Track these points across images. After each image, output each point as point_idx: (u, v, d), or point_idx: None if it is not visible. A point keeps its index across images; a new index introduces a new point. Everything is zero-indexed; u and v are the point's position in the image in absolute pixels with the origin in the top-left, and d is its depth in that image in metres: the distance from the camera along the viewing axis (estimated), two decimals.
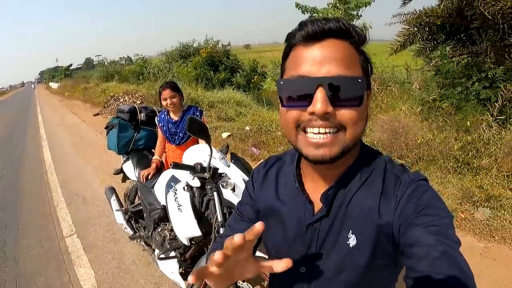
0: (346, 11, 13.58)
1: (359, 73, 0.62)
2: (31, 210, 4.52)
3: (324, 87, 0.58)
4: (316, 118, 0.60)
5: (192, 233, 1.87)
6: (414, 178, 0.68)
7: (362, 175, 0.71)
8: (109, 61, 28.60)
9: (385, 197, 0.67)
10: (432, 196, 0.64)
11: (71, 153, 7.37)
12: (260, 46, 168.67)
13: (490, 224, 3.13)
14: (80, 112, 13.63)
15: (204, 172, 1.72)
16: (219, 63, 12.46)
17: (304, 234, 0.74)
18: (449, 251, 0.55)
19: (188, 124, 1.57)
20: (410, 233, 0.60)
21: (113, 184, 4.40)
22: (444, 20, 5.32)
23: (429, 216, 0.60)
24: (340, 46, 0.61)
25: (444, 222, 0.59)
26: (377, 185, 0.69)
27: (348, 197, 0.70)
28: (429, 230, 0.57)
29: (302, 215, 0.75)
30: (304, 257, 0.75)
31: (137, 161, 2.88)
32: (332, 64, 0.59)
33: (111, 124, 3.08)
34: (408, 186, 0.66)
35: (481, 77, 5.03)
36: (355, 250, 0.68)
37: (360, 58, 0.64)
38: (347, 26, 0.61)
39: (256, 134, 6.31)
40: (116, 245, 3.31)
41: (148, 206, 2.45)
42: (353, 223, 0.69)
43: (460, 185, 3.72)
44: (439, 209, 0.61)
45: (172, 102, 2.74)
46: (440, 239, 0.56)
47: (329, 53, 0.60)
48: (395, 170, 0.71)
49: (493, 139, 4.26)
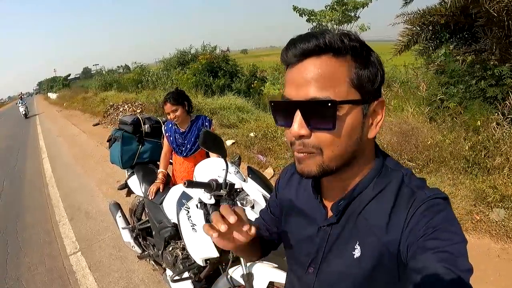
0: (343, 12, 13.58)
1: (340, 91, 0.59)
2: (33, 226, 4.39)
3: (300, 110, 0.59)
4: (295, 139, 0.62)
5: (208, 254, 1.76)
6: (431, 195, 0.63)
7: (375, 187, 0.69)
8: (107, 70, 28.62)
9: (396, 212, 0.65)
10: (446, 217, 0.60)
11: (71, 165, 7.25)
12: (257, 50, 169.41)
13: (505, 225, 3.08)
14: (80, 123, 13.52)
15: (221, 189, 1.60)
16: (218, 68, 12.38)
17: (315, 236, 0.76)
18: (457, 281, 0.52)
19: (202, 138, 1.46)
20: (419, 257, 0.57)
21: (117, 198, 4.29)
22: (448, 19, 5.27)
23: (440, 240, 0.57)
24: (319, 64, 0.59)
25: (456, 248, 0.56)
26: (389, 199, 0.67)
27: (359, 208, 0.70)
28: (438, 257, 0.55)
29: (316, 218, 0.77)
30: (314, 258, 0.77)
31: (143, 175, 2.77)
32: (309, 86, 0.59)
33: (114, 136, 2.96)
34: (422, 204, 0.62)
35: (486, 75, 4.97)
36: (357, 262, 0.68)
37: (350, 71, 0.60)
38: (327, 42, 0.58)
39: (261, 141, 6.18)
40: (123, 263, 3.19)
41: (157, 224, 2.34)
42: (360, 235, 0.69)
43: (473, 186, 3.66)
44: (452, 233, 0.58)
45: (175, 116, 2.57)
46: (450, 267, 0.53)
47: (307, 74, 0.59)
48: (412, 185, 0.67)
49: (504, 138, 4.18)
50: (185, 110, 2.62)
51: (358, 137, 0.64)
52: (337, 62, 0.60)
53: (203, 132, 1.47)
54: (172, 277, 2.01)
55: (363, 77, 0.61)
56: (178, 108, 2.56)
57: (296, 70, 0.61)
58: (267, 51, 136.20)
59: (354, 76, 0.60)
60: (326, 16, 13.75)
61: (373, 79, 0.63)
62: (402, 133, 4.50)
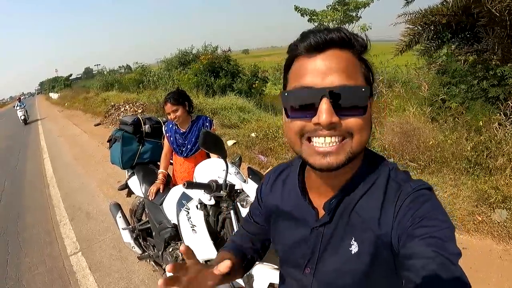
0: (345, 12, 13.58)
1: (361, 82, 0.63)
2: (33, 227, 4.39)
3: (328, 98, 0.59)
4: (322, 128, 0.60)
5: (208, 255, 1.75)
6: (416, 187, 0.66)
7: (365, 183, 0.71)
8: (109, 70, 28.61)
9: (386, 207, 0.67)
10: (432, 206, 0.63)
11: (72, 165, 7.25)
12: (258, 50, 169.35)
13: (508, 226, 3.06)
14: (81, 123, 13.54)
15: (221, 190, 1.59)
16: (220, 69, 12.36)
17: (309, 238, 0.76)
18: (446, 264, 0.54)
19: (202, 139, 1.45)
20: (408, 245, 0.59)
21: (118, 198, 4.28)
22: (450, 19, 5.25)
23: (427, 227, 0.59)
24: (342, 56, 0.61)
25: (444, 233, 0.58)
26: (379, 194, 0.69)
27: (351, 205, 0.71)
28: (427, 242, 0.57)
29: (307, 219, 0.77)
30: (309, 259, 0.77)
31: (143, 176, 2.76)
32: (335, 74, 0.60)
33: (114, 137, 2.95)
34: (408, 196, 0.65)
35: (488, 75, 4.95)
36: (355, 257, 0.69)
37: (362, 67, 0.65)
38: (349, 36, 0.62)
39: (263, 141, 6.17)
40: (123, 264, 3.18)
41: (157, 225, 2.33)
42: (355, 231, 0.70)
43: (475, 187, 3.64)
44: (438, 220, 0.60)
45: (176, 116, 2.55)
46: (438, 251, 0.55)
47: (331, 64, 0.60)
48: (398, 179, 0.70)
49: (506, 139, 4.16)
50: (186, 110, 2.60)
51: (371, 126, 0.67)
52: (353, 57, 0.63)
53: (203, 132, 1.46)
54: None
55: (368, 75, 0.66)
56: (179, 108, 2.55)
57: (319, 59, 0.61)
58: (268, 51, 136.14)
59: (364, 68, 0.65)
60: (328, 16, 13.74)
61: (370, 78, 0.67)
62: (403, 133, 4.48)
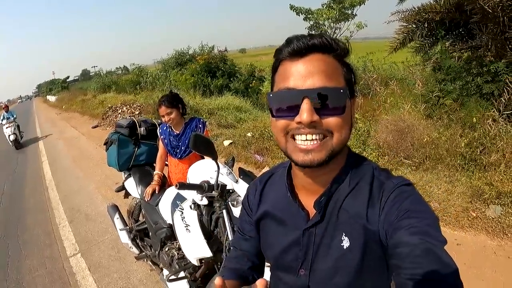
0: (340, 10, 13.56)
1: (341, 83, 0.66)
2: (33, 229, 4.43)
3: (309, 98, 0.63)
4: (304, 126, 0.64)
5: (202, 254, 1.79)
6: (397, 183, 0.70)
7: (351, 181, 0.74)
8: (106, 71, 28.52)
9: (372, 203, 0.71)
10: (414, 200, 0.66)
11: (71, 167, 7.28)
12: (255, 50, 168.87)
13: (502, 222, 3.09)
14: (79, 125, 13.55)
15: (212, 191, 1.63)
16: (216, 69, 12.37)
17: (301, 240, 0.78)
18: (432, 248, 0.57)
19: (192, 141, 1.48)
20: (395, 236, 0.63)
21: (116, 199, 4.31)
22: (443, 16, 5.27)
23: (411, 218, 0.62)
24: (323, 59, 0.65)
25: (427, 223, 0.61)
26: (365, 191, 0.72)
27: (338, 202, 0.74)
28: (411, 231, 0.60)
29: (297, 221, 0.79)
30: (303, 261, 0.78)
31: (140, 177, 2.79)
32: (316, 77, 0.64)
33: (110, 139, 2.99)
34: (391, 192, 0.69)
35: (483, 72, 4.97)
36: (348, 252, 0.71)
37: (343, 70, 0.68)
38: (329, 41, 0.66)
39: (259, 141, 6.20)
40: (122, 264, 3.22)
41: (153, 225, 2.36)
42: (345, 226, 0.73)
43: (469, 183, 3.67)
44: (421, 212, 0.64)
45: (170, 119, 2.61)
46: (423, 237, 0.58)
47: (312, 67, 0.64)
48: (381, 177, 0.74)
49: (500, 134, 4.19)
50: (180, 113, 2.64)
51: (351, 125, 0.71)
52: (335, 61, 0.67)
53: (193, 135, 1.49)
54: (168, 276, 2.03)
55: (349, 77, 0.70)
56: (173, 111, 2.59)
57: (301, 63, 0.66)
58: (265, 50, 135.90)
59: (344, 74, 0.68)
60: (323, 15, 13.73)
61: (351, 80, 0.71)
62: (398, 131, 4.51)
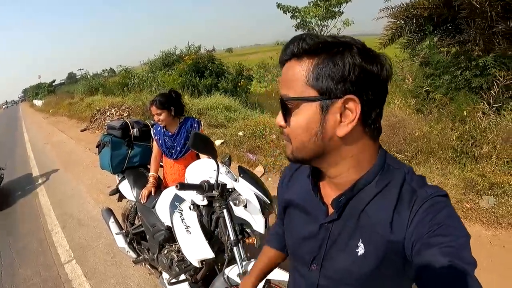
0: (327, 8, 13.66)
1: (296, 90, 0.65)
2: (25, 236, 4.32)
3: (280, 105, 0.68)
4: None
5: (204, 255, 1.77)
6: (432, 193, 0.65)
7: (378, 184, 0.70)
8: (92, 74, 28.16)
9: (399, 211, 0.66)
10: (448, 214, 0.62)
11: (61, 172, 7.14)
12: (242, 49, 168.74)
13: (495, 212, 3.15)
14: (67, 129, 13.30)
15: (213, 190, 1.61)
16: (204, 68, 12.29)
17: (318, 233, 0.78)
18: (462, 274, 0.55)
19: (192, 140, 1.46)
20: (424, 253, 0.59)
21: (109, 203, 4.24)
22: (432, 12, 5.33)
23: (444, 236, 0.59)
24: (286, 68, 0.68)
25: (459, 242, 0.58)
26: (392, 197, 0.68)
27: (361, 205, 0.71)
28: (443, 252, 0.57)
29: (318, 214, 0.78)
30: (316, 256, 0.78)
31: (134, 180, 2.75)
32: (283, 85, 0.68)
33: (103, 142, 2.93)
34: (424, 202, 0.64)
35: (471, 66, 5.04)
36: (362, 259, 0.69)
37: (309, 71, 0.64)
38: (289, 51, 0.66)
39: (250, 140, 6.17)
40: (118, 269, 3.16)
41: (151, 228, 2.32)
42: (364, 232, 0.70)
43: (462, 175, 3.72)
44: (455, 228, 0.60)
45: (159, 120, 2.57)
46: (454, 260, 0.56)
47: (283, 75, 0.69)
48: (414, 183, 0.69)
49: (490, 127, 4.25)
50: (171, 115, 2.58)
51: (318, 133, 0.66)
52: (298, 64, 0.66)
53: (192, 134, 1.47)
54: (169, 280, 2.00)
55: (321, 75, 0.63)
56: (163, 113, 2.55)
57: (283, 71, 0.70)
58: (252, 49, 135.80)
59: (310, 75, 0.64)
60: (310, 13, 13.82)
61: (335, 76, 0.62)
62: (390, 126, 4.54)
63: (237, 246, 1.65)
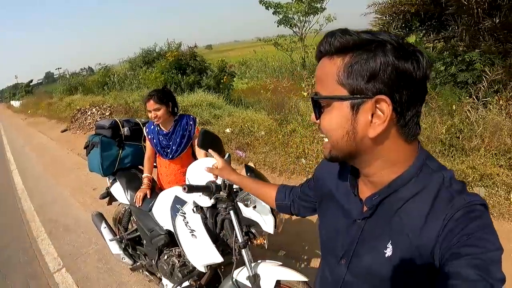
0: (310, 4, 13.69)
1: (328, 89, 0.65)
2: (10, 245, 4.07)
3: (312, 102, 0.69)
4: None
5: (211, 260, 1.69)
6: (469, 201, 0.62)
7: (413, 187, 0.67)
8: (70, 73, 27.49)
9: (432, 216, 0.63)
10: (482, 224, 0.59)
11: (43, 175, 6.87)
12: (221, 45, 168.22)
13: (487, 202, 3.18)
14: (47, 130, 12.88)
15: (220, 191, 1.54)
16: (187, 65, 12.10)
17: (351, 229, 0.77)
18: None
19: (201, 139, 1.39)
20: (452, 263, 0.57)
21: (96, 206, 4.10)
22: (419, 8, 5.41)
23: (474, 247, 0.57)
24: (323, 65, 0.67)
25: (490, 256, 0.56)
26: (427, 201, 0.65)
27: (394, 206, 0.69)
28: (472, 264, 0.55)
29: (352, 210, 0.78)
30: (347, 250, 0.78)
31: (127, 182, 2.62)
32: (316, 82, 0.70)
33: (91, 142, 2.78)
34: (459, 209, 0.61)
35: (456, 61, 5.15)
36: (388, 261, 0.68)
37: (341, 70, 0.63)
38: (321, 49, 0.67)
39: (239, 136, 6.09)
40: (112, 276, 3.02)
41: (148, 232, 2.22)
42: (394, 234, 0.68)
43: (453, 167, 3.78)
44: (487, 240, 0.57)
45: (156, 116, 2.42)
46: (482, 275, 0.54)
47: (317, 73, 0.69)
48: (452, 189, 0.65)
49: (477, 121, 4.34)
50: (168, 111, 2.48)
51: (350, 132, 0.65)
52: (329, 63, 0.66)
53: (202, 132, 1.40)
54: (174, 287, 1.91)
55: (352, 74, 0.62)
56: (161, 108, 2.43)
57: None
58: (231, 45, 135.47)
59: (341, 73, 0.63)
60: (293, 8, 13.84)
61: (366, 75, 0.61)
62: None
63: (245, 248, 1.59)
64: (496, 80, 4.67)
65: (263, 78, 14.59)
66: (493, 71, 4.60)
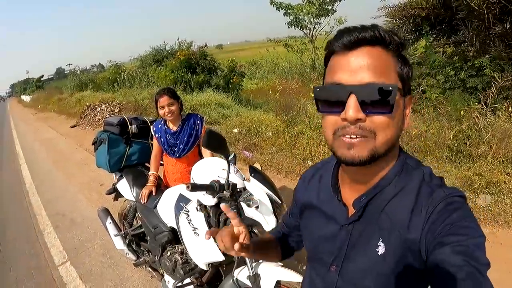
0: (321, 6, 13.65)
1: (392, 80, 0.63)
2: (16, 238, 4.16)
3: (356, 95, 0.61)
4: (349, 124, 0.62)
5: (213, 258, 1.71)
6: (449, 194, 0.65)
7: (397, 185, 0.70)
8: (81, 69, 27.79)
9: (416, 211, 0.66)
10: (463, 214, 0.62)
11: (51, 170, 6.96)
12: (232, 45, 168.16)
13: (492, 210, 3.20)
14: (56, 125, 13.05)
15: (223, 190, 1.56)
16: (197, 65, 12.16)
17: (338, 235, 0.77)
18: (475, 274, 0.55)
19: (206, 139, 1.41)
20: (437, 251, 0.59)
21: (102, 202, 4.14)
22: (429, 12, 5.38)
23: (458, 235, 0.59)
24: (374, 53, 0.62)
25: (473, 242, 0.58)
26: (411, 197, 0.68)
27: (381, 205, 0.71)
28: (456, 250, 0.57)
29: (338, 216, 0.78)
30: (336, 257, 0.78)
31: (133, 179, 2.65)
32: (365, 72, 0.61)
33: (100, 139, 2.82)
34: (440, 202, 0.64)
35: (466, 66, 5.10)
36: (381, 259, 0.69)
37: (397, 65, 0.65)
38: (382, 34, 0.62)
39: (246, 137, 6.10)
40: (115, 271, 3.06)
41: (152, 229, 2.25)
42: (383, 231, 0.70)
43: (459, 174, 3.76)
44: (469, 228, 0.60)
45: (170, 111, 2.46)
46: (467, 260, 0.55)
47: (362, 61, 0.62)
48: (432, 184, 0.69)
49: (485, 127, 4.31)
50: (179, 108, 2.54)
51: (401, 125, 0.68)
52: (388, 55, 0.64)
53: (207, 132, 1.42)
54: (175, 284, 1.94)
55: (404, 72, 0.66)
56: (175, 103, 2.49)
57: (350, 57, 0.63)
58: (242, 45, 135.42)
59: (399, 70, 0.65)
60: (303, 10, 13.81)
61: (409, 76, 0.67)
62: None
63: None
64: (506, 86, 4.63)
65: (272, 79, 14.60)
66: (503, 77, 4.58)
